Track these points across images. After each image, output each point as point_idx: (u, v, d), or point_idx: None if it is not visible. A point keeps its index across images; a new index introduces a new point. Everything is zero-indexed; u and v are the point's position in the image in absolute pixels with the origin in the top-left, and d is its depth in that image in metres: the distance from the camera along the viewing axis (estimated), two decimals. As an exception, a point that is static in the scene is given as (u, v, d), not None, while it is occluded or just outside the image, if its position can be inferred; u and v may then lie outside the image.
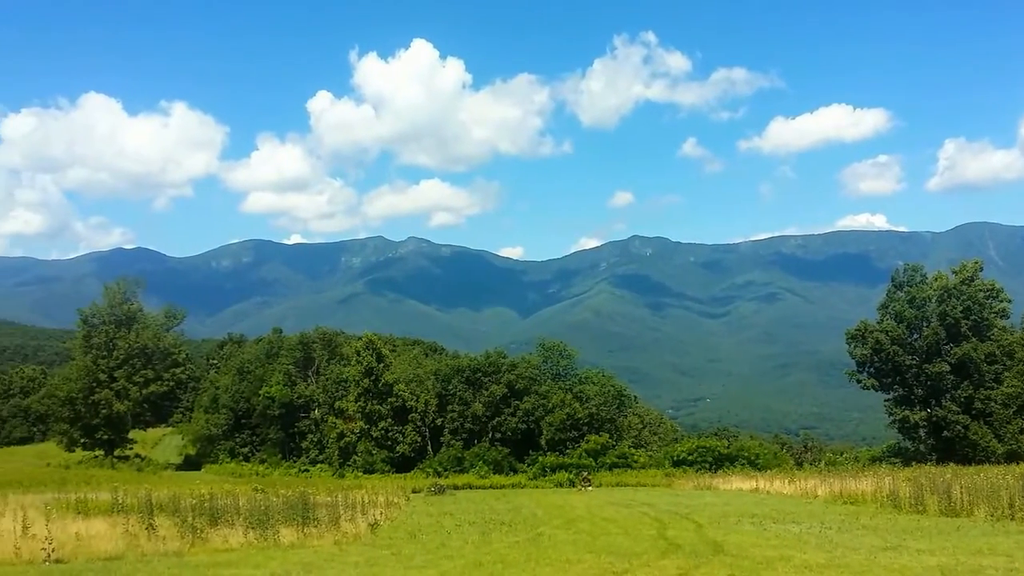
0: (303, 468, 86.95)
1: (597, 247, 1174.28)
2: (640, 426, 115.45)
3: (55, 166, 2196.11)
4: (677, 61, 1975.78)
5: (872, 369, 79.09)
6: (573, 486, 63.58)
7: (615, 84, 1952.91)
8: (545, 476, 72.82)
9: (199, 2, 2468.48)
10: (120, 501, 29.44)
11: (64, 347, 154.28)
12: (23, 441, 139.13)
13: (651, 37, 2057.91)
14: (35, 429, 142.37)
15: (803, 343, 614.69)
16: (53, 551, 20.61)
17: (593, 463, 75.25)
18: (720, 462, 73.64)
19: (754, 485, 52.01)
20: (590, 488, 60.13)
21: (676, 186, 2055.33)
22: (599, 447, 78.70)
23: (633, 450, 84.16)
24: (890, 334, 76.17)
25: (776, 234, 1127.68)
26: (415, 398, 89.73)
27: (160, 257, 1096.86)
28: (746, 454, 76.64)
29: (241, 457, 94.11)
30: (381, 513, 32.98)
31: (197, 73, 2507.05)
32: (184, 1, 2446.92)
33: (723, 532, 26.59)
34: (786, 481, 50.66)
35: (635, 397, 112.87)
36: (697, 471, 70.28)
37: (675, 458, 76.85)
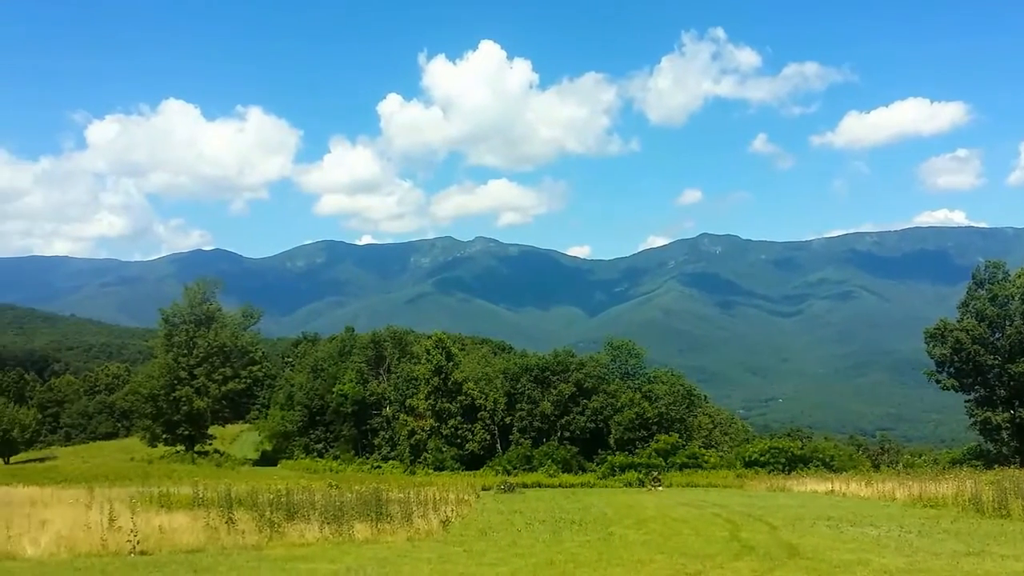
0: (375, 464, 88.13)
1: (665, 245, 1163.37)
2: (710, 426, 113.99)
3: (137, 170, 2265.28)
4: (747, 57, 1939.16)
5: (952, 369, 76.61)
6: (643, 486, 63.25)
7: (683, 81, 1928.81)
8: (614, 475, 72.56)
9: (273, 9, 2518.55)
10: (201, 495, 30.13)
11: (147, 345, 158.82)
12: (108, 436, 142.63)
13: (720, 33, 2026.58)
14: (120, 425, 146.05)
15: (879, 342, 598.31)
16: (138, 543, 21.21)
17: (663, 463, 74.67)
18: (793, 463, 72.34)
19: (829, 487, 50.92)
20: (660, 488, 59.71)
21: (746, 183, 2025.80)
22: (669, 447, 78.02)
23: (703, 450, 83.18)
24: (971, 333, 73.65)
25: (850, 231, 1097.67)
26: (484, 396, 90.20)
27: (237, 258, 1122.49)
28: (821, 455, 75.16)
29: (315, 453, 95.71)
30: (452, 510, 33.23)
31: (271, 78, 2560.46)
32: (258, 8, 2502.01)
33: (798, 535, 26.09)
34: (863, 483, 49.42)
35: (705, 397, 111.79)
36: (770, 472, 69.17)
37: (747, 459, 75.73)
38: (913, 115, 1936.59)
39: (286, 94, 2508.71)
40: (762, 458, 74.47)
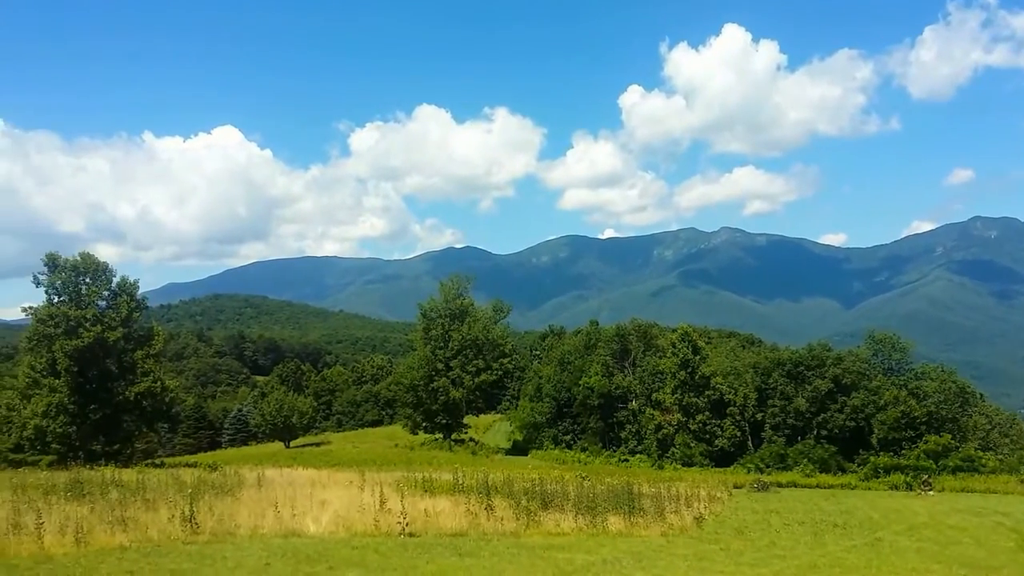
0: (622, 458, 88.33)
1: (931, 230, 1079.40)
2: (988, 427, 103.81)
3: (395, 174, 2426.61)
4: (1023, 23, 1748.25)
5: None
6: (911, 490, 58.85)
7: (949, 52, 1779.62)
8: (878, 477, 68.01)
9: (515, 12, 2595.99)
10: (460, 482, 31.50)
11: (406, 339, 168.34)
12: (374, 423, 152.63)
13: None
14: (384, 413, 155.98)
15: None
16: (407, 525, 22.58)
17: (933, 465, 69.15)
18: (1091, 470, 64.42)
19: None
20: (931, 492, 55.32)
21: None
22: (940, 448, 72.13)
23: (980, 453, 75.94)
24: None
25: None
26: (733, 391, 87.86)
27: (486, 255, 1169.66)
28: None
29: (564, 444, 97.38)
30: (705, 507, 32.59)
31: (516, 78, 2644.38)
32: (501, 11, 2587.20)
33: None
34: None
35: (980, 395, 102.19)
36: (1062, 480, 61.93)
37: (1033, 464, 68.40)
38: None
39: (530, 93, 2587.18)
40: (1052, 463, 66.99)
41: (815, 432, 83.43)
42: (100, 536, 19.75)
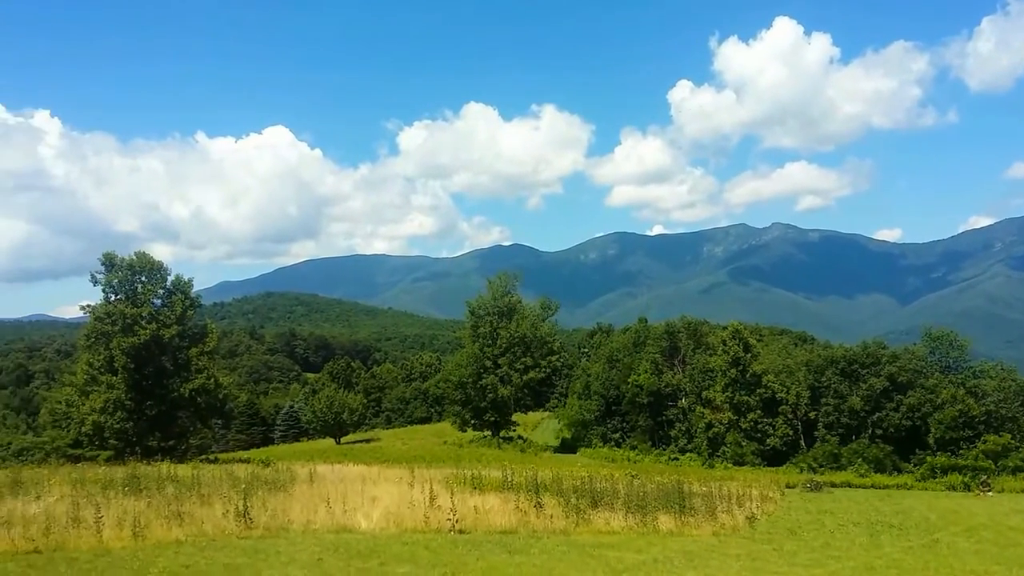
0: (672, 456, 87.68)
1: (990, 225, 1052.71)
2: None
3: (443, 172, 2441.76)
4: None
5: None
6: (969, 490, 57.54)
7: (1008, 43, 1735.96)
8: (935, 478, 66.59)
9: (561, 7, 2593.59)
10: (509, 479, 31.49)
11: (455, 336, 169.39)
12: (423, 420, 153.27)
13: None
14: (432, 410, 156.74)
15: None
16: (457, 522, 22.65)
17: (992, 466, 67.64)
18: None
19: None
20: (990, 493, 54.04)
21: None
22: (999, 448, 70.54)
23: (1042, 454, 73.98)
24: None
25: None
26: (785, 390, 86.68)
27: (534, 252, 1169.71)
28: None
29: (612, 442, 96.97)
30: (757, 507, 32.18)
31: (564, 75, 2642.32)
32: (547, 7, 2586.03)
33: None
34: None
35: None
36: None
37: (1099, 465, 66.38)
38: None
39: (578, 90, 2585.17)
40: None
41: (870, 431, 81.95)
42: (157, 530, 20.14)
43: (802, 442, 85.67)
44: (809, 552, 21.64)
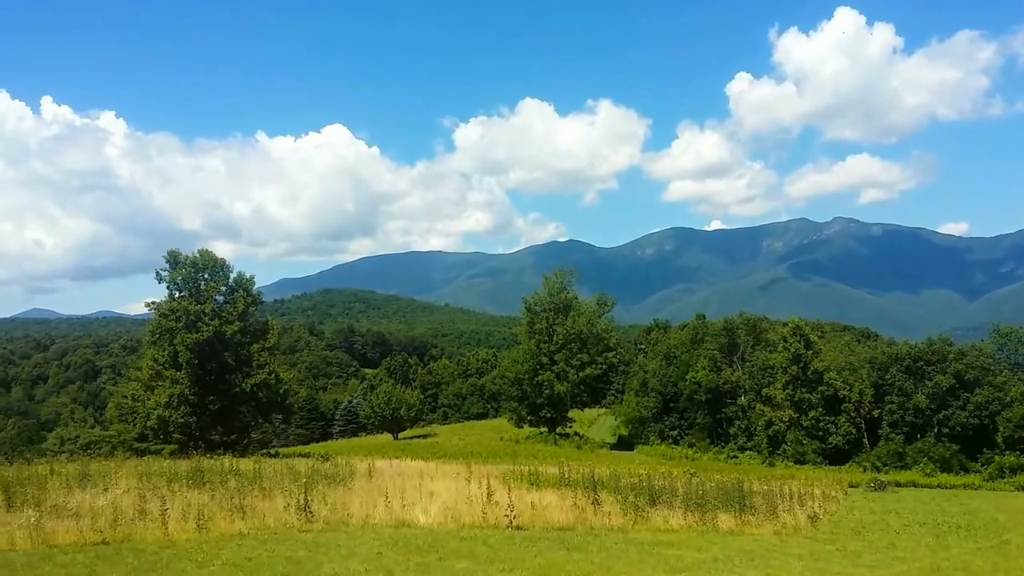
0: (731, 454, 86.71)
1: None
2: None
3: (498, 169, 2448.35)
4: None
5: None
6: (1041, 492, 55.84)
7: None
8: (1003, 478, 64.86)
9: (617, 2, 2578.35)
10: (566, 475, 31.42)
11: (511, 332, 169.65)
12: (479, 416, 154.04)
13: None
14: (489, 406, 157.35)
15: None
16: (514, 518, 22.59)
17: (1064, 466, 65.52)
18: None
19: None
20: (1065, 496, 52.32)
21: None
22: (1072, 449, 68.16)
23: (1117, 454, 71.40)
24: None
25: None
26: (848, 387, 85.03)
27: (590, 248, 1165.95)
28: None
29: (670, 440, 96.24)
30: (819, 506, 31.63)
31: (620, 69, 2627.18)
32: (604, 2, 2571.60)
33: None
34: None
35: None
36: None
37: None
38: None
39: (634, 84, 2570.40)
40: None
41: (935, 430, 79.99)
42: (220, 523, 20.47)
43: (865, 440, 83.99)
44: (874, 553, 21.17)
